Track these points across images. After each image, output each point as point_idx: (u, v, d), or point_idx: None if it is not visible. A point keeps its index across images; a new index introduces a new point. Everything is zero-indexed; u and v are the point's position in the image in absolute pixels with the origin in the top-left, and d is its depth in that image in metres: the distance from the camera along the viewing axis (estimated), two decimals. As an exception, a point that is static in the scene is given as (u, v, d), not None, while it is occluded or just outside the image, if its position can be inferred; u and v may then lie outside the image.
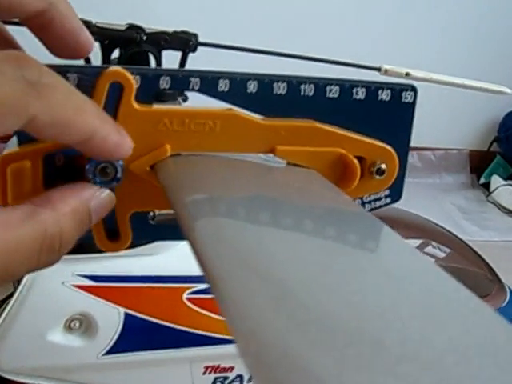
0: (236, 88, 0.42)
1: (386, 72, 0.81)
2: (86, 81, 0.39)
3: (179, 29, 0.71)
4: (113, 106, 0.40)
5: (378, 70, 0.80)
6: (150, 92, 0.41)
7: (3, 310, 0.66)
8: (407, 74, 0.81)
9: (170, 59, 0.70)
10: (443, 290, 0.25)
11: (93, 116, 0.32)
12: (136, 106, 0.39)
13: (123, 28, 0.69)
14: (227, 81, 0.41)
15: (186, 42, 0.70)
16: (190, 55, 0.73)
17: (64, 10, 0.35)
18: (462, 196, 3.22)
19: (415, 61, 1.50)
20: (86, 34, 0.37)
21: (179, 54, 0.73)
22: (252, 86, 0.42)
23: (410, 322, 0.22)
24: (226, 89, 0.42)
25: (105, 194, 0.37)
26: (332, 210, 0.36)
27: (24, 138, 0.41)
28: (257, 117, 0.42)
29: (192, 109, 0.41)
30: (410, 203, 1.56)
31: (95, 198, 0.36)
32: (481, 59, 3.24)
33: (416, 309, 0.23)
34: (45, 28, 0.35)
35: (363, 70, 0.80)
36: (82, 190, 0.35)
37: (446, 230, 1.36)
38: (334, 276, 0.26)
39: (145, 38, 0.68)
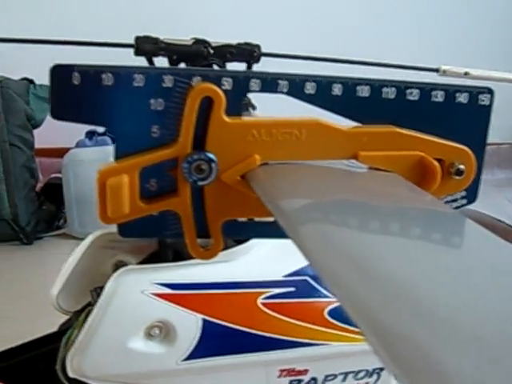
0: (322, 91, 0.43)
1: (445, 72, 0.81)
2: (182, 82, 0.41)
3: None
4: (203, 120, 0.41)
5: (436, 71, 0.81)
6: (241, 94, 0.42)
7: (85, 320, 0.69)
8: (466, 74, 0.81)
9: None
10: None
11: None
12: (226, 118, 0.41)
13: (189, 43, 0.71)
14: (314, 83, 0.43)
15: (250, 54, 0.71)
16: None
17: None
18: (516, 191, 3.18)
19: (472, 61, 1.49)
20: None
21: (239, 65, 0.74)
22: (337, 89, 0.43)
23: None
24: (313, 91, 0.43)
25: None
26: (424, 212, 0.37)
27: (120, 153, 0.43)
28: (339, 123, 0.44)
29: (278, 119, 0.42)
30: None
31: None
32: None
33: None
34: None
35: (420, 72, 0.80)
36: None
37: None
38: (442, 274, 0.27)
39: (212, 51, 0.69)
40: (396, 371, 0.20)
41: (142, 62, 0.70)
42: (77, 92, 0.42)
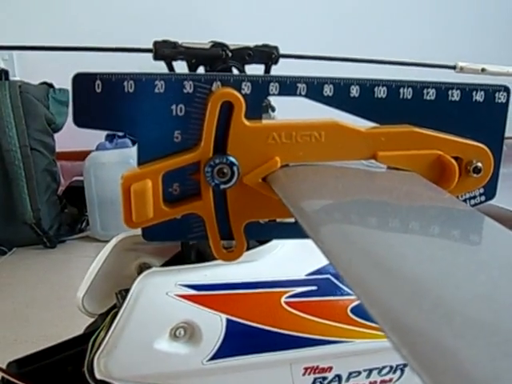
0: (340, 93, 0.44)
1: (462, 69, 0.81)
2: (202, 88, 0.42)
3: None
4: (224, 124, 0.42)
5: (454, 68, 0.81)
6: (260, 98, 0.43)
7: (111, 322, 0.70)
8: (483, 70, 0.81)
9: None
10: None
11: None
12: (246, 122, 0.42)
13: (208, 46, 0.71)
14: (331, 86, 0.43)
15: (268, 55, 0.72)
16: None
17: None
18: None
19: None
20: None
21: (257, 66, 0.74)
22: (355, 91, 0.44)
23: None
24: (331, 94, 0.44)
25: None
26: (442, 210, 0.38)
27: (143, 158, 0.44)
28: (358, 124, 0.44)
29: (298, 121, 0.43)
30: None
31: None
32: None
33: None
34: None
35: (436, 70, 0.80)
36: None
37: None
38: (460, 271, 0.27)
39: (230, 54, 0.70)
40: (416, 368, 0.21)
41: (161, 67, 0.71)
42: (99, 100, 0.43)
